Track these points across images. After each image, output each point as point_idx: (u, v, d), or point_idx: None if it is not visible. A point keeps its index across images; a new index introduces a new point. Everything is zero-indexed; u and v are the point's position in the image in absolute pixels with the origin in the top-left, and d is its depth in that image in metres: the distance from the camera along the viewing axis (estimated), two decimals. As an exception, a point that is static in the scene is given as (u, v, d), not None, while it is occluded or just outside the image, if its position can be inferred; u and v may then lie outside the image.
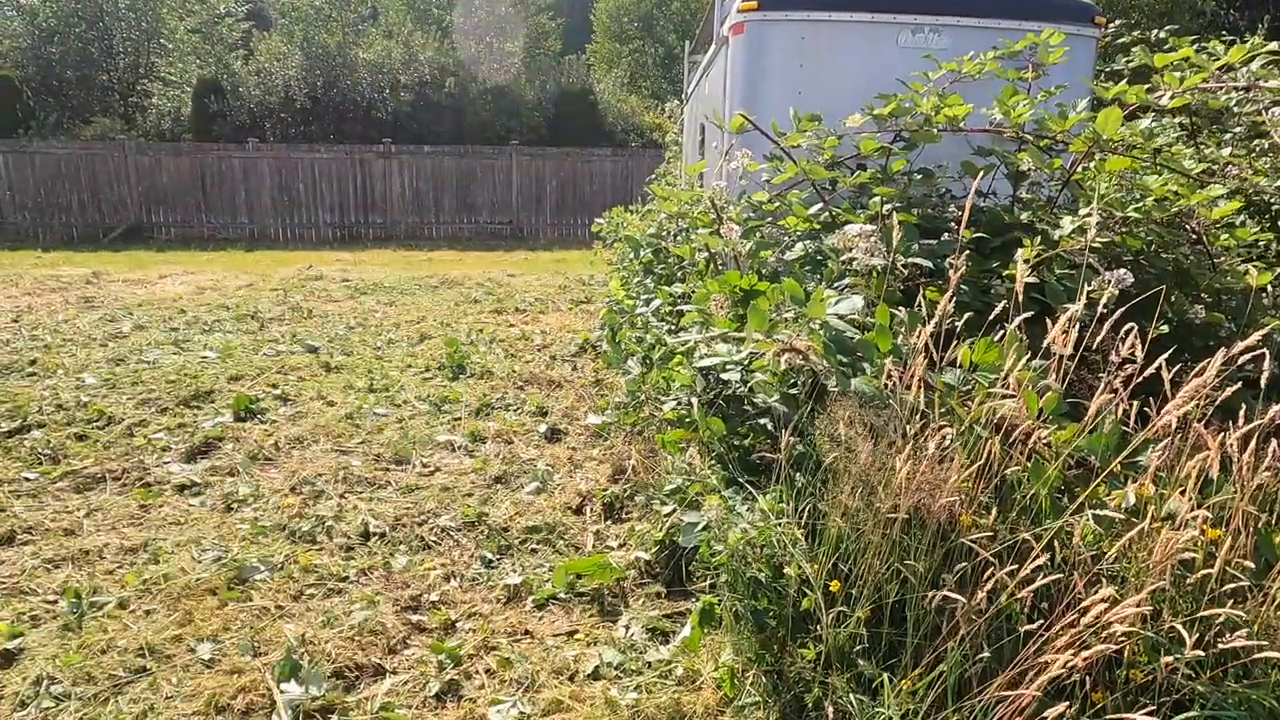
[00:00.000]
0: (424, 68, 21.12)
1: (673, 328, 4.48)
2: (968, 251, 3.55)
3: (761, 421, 3.12)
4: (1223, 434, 2.09)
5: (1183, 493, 2.15)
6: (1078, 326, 2.48)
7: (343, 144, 18.97)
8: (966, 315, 2.83)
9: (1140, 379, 2.45)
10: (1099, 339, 2.60)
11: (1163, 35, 6.20)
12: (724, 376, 3.17)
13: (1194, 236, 3.74)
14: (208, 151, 17.97)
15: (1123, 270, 2.88)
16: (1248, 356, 2.28)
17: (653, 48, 32.88)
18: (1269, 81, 3.00)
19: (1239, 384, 2.65)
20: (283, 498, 4.12)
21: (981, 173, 3.90)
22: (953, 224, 3.67)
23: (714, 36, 5.89)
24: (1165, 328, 3.39)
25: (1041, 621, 1.97)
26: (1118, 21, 7.32)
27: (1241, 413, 2.25)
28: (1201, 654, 1.92)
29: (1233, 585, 2.12)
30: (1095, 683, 2.02)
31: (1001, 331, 2.51)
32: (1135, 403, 2.43)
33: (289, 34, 21.56)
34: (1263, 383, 2.33)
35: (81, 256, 14.62)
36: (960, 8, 4.98)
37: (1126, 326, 2.49)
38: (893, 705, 2.06)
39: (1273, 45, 2.92)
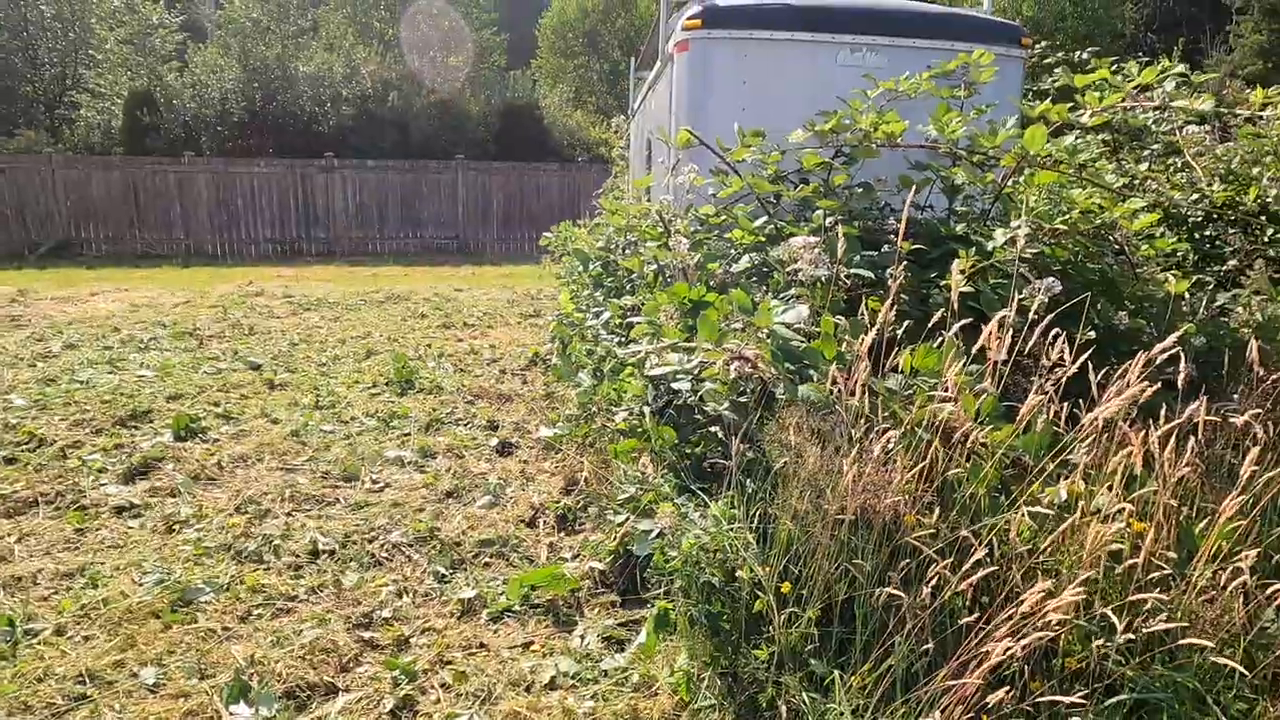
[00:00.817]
0: (366, 81, 20.90)
1: (623, 340, 4.52)
2: (907, 262, 3.69)
3: (712, 429, 3.18)
4: (1144, 432, 2.22)
5: (1110, 488, 2.28)
6: (1010, 332, 2.60)
7: (283, 158, 18.60)
8: (907, 323, 2.95)
9: (1070, 382, 2.59)
10: (1030, 344, 2.74)
11: (1085, 56, 6.53)
12: (675, 386, 3.22)
13: (1117, 247, 3.93)
14: (140, 165, 17.43)
15: (1051, 279, 3.04)
16: (1164, 357, 2.43)
17: (598, 63, 33.10)
18: (1177, 101, 3.19)
19: (1158, 385, 2.81)
20: (227, 517, 4.03)
21: (915, 187, 4.05)
22: (892, 236, 3.80)
23: (659, 53, 5.99)
24: (1092, 333, 3.56)
25: (981, 614, 2.05)
26: (1043, 43, 7.66)
27: (1162, 412, 2.39)
28: (1131, 639, 2.03)
29: (1158, 574, 2.24)
30: (1034, 671, 2.12)
31: (940, 338, 2.61)
32: (1065, 404, 2.56)
33: (225, 46, 21.10)
34: (1179, 384, 2.47)
35: (6, 274, 14.03)
36: (896, 28, 5.17)
37: (1054, 332, 2.63)
38: (843, 701, 2.12)
39: (1180, 68, 3.11)
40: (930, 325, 2.79)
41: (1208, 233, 5.68)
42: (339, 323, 9.38)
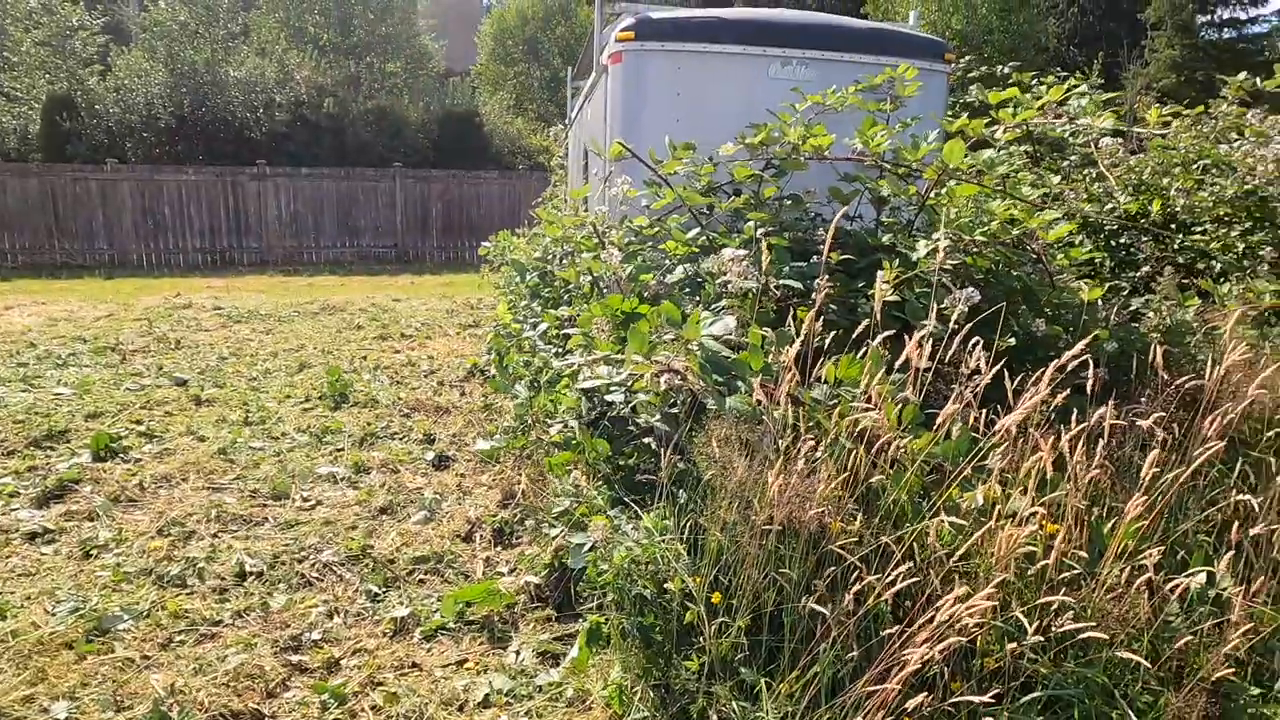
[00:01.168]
0: (301, 87, 20.44)
1: (560, 351, 4.51)
2: (836, 272, 3.77)
3: (646, 441, 3.20)
4: (1053, 437, 2.30)
5: (1024, 492, 2.36)
6: (931, 341, 2.68)
7: (213, 165, 18.07)
8: (837, 333, 3.01)
9: (990, 389, 2.68)
10: (950, 353, 2.82)
11: (1006, 71, 6.77)
12: (608, 398, 3.22)
13: (1035, 256, 4.08)
14: (60, 173, 16.73)
15: (970, 289, 3.13)
16: (1075, 363, 2.53)
17: (539, 70, 32.99)
18: (1081, 119, 3.34)
19: (1069, 390, 2.92)
20: (149, 541, 3.89)
21: (838, 199, 4.15)
22: (822, 247, 3.88)
23: (594, 64, 6.01)
24: (1013, 340, 3.69)
25: (903, 619, 2.10)
26: (967, 57, 7.92)
27: (1074, 417, 2.49)
28: (1041, 639, 2.10)
29: (1071, 574, 2.33)
30: (954, 672, 2.18)
31: (867, 348, 2.67)
32: (984, 411, 2.64)
33: (151, 50, 20.39)
34: (1089, 389, 2.58)
35: (-88, 287, 13.32)
36: (825, 43, 5.28)
37: (973, 340, 2.72)
38: (771, 709, 2.15)
39: (1083, 86, 3.26)
40: (856, 335, 2.85)
41: (1123, 240, 5.94)
42: (271, 335, 9.14)
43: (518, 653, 3.05)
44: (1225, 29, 30.92)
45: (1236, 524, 2.45)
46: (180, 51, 19.80)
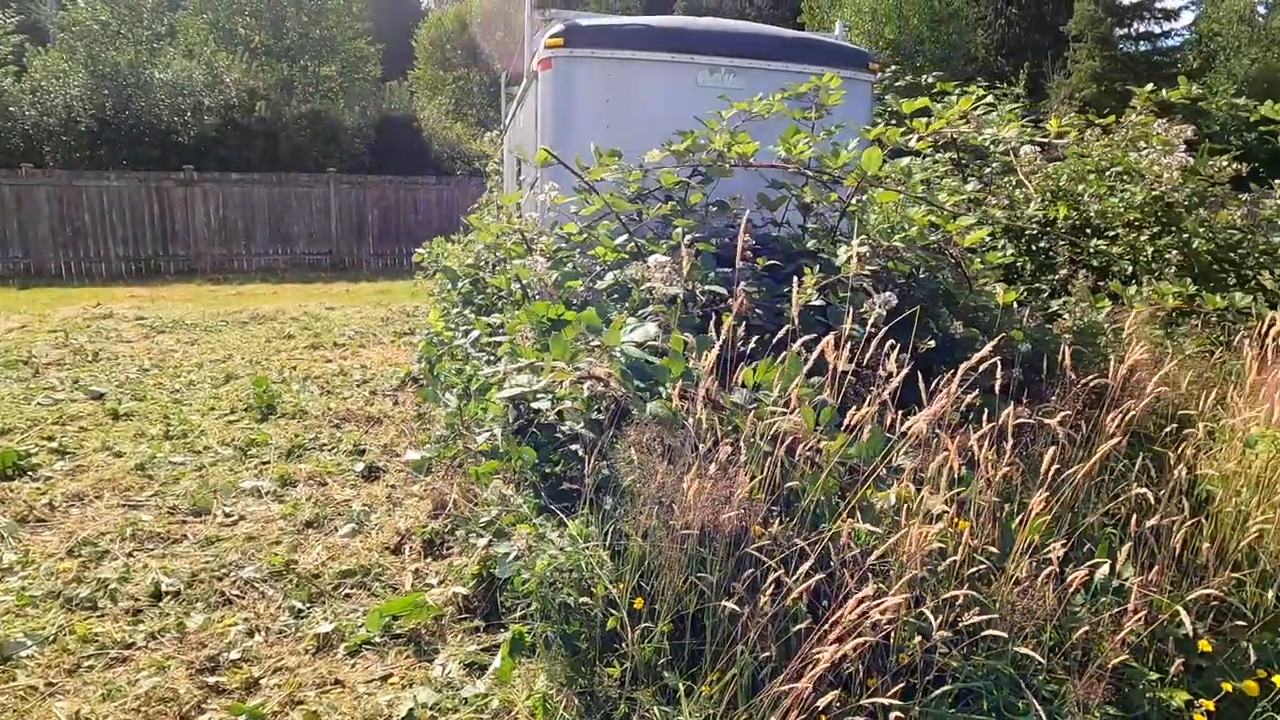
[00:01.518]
0: (231, 90, 19.86)
1: (491, 359, 4.47)
2: (764, 278, 3.82)
3: (573, 448, 3.19)
4: (959, 435, 2.37)
5: (935, 490, 2.42)
6: (849, 345, 2.73)
7: (138, 170, 17.42)
8: (763, 338, 3.05)
9: (910, 390, 2.74)
10: (868, 355, 2.88)
11: (930, 80, 6.97)
12: (535, 405, 3.21)
13: (953, 261, 4.21)
14: (-30, 178, 15.96)
15: (888, 293, 3.21)
16: (987, 365, 2.62)
17: (478, 75, 32.75)
18: (989, 129, 3.47)
19: (984, 391, 3.02)
20: (58, 562, 3.72)
21: (766, 206, 4.21)
22: (749, 253, 3.94)
23: (525, 70, 5.99)
24: (932, 342, 3.79)
25: (818, 619, 2.14)
26: (893, 67, 8.13)
27: (985, 416, 2.57)
28: (952, 634, 2.16)
29: (981, 569, 2.40)
30: (870, 668, 2.22)
31: (795, 352, 2.71)
32: (901, 412, 2.70)
33: (70, 50, 19.59)
34: (997, 388, 2.66)
35: None
36: (752, 51, 5.36)
37: (889, 343, 2.78)
38: (693, 711, 2.16)
39: (989, 97, 3.37)
40: (777, 340, 2.89)
41: (1042, 245, 6.17)
42: (196, 345, 8.85)
43: (444, 665, 3.00)
44: (1141, 42, 32.40)
45: (1135, 516, 2.56)
46: (102, 53, 19.06)
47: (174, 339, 9.21)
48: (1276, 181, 5.81)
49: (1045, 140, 4.29)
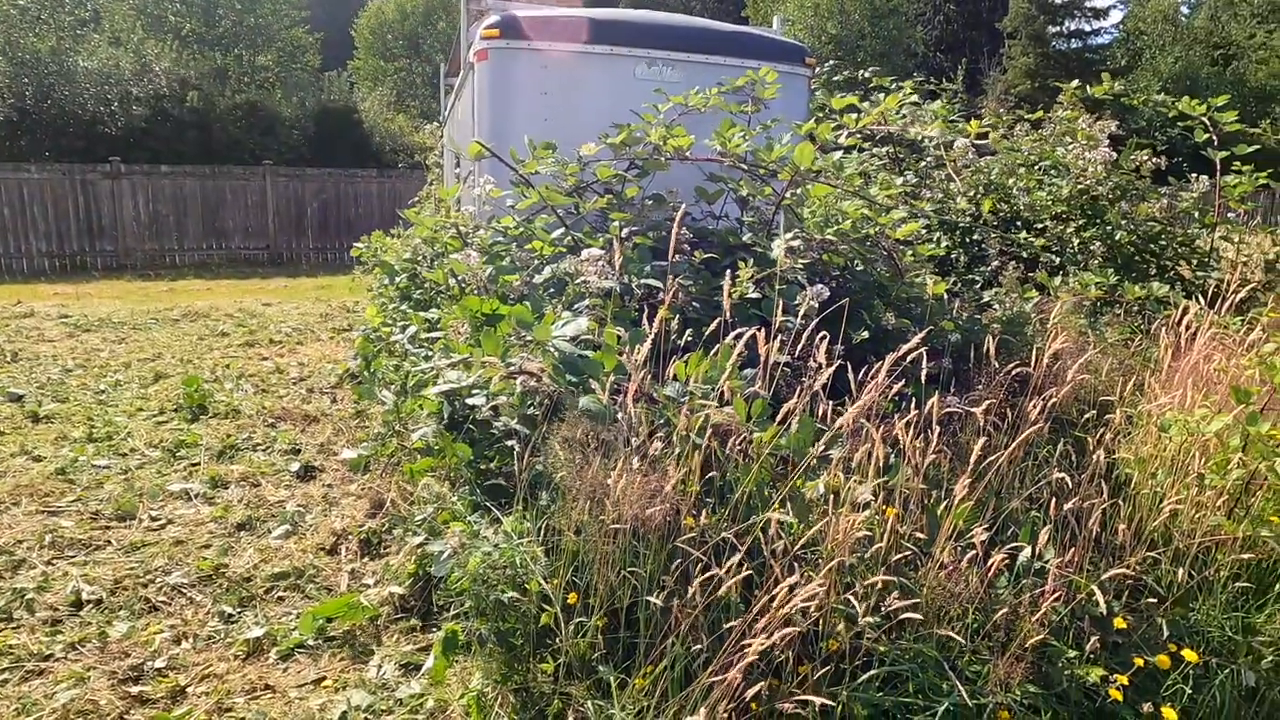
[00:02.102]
0: (161, 79, 19.16)
1: (429, 354, 4.40)
2: (702, 270, 3.84)
3: (509, 444, 3.16)
4: (883, 425, 2.41)
5: (864, 479, 2.47)
6: (779, 337, 2.76)
7: (61, 162, 16.71)
8: (701, 330, 3.06)
9: (842, 380, 2.78)
10: (800, 346, 2.92)
11: (867, 75, 7.08)
12: (470, 401, 3.17)
13: (885, 253, 4.29)
14: (-123, 170, 15.11)
15: (820, 286, 3.26)
16: (915, 355, 2.67)
17: (420, 66, 32.21)
18: (913, 126, 3.54)
19: (913, 380, 3.08)
20: (-31, 573, 3.56)
21: (710, 198, 4.23)
22: (686, 246, 3.95)
23: (462, 62, 5.91)
24: (865, 333, 3.86)
25: (749, 608, 2.16)
26: (831, 62, 8.23)
27: (913, 404, 2.62)
28: (877, 619, 2.20)
29: (907, 554, 2.45)
30: (800, 656, 2.25)
31: (728, 344, 2.73)
32: (832, 402, 2.74)
33: (-14, 36, 18.72)
34: (923, 378, 2.72)
35: None
36: (689, 44, 5.36)
37: (821, 335, 2.82)
38: (625, 704, 2.16)
39: (915, 96, 3.44)
40: (708, 332, 2.91)
41: (975, 237, 6.32)
42: (124, 344, 8.53)
43: (380, 666, 2.96)
44: (1073, 39, 33.42)
45: (1056, 499, 2.64)
46: (20, 39, 18.21)
47: (100, 338, 8.87)
48: (1194, 176, 6.04)
49: (967, 137, 4.39)
